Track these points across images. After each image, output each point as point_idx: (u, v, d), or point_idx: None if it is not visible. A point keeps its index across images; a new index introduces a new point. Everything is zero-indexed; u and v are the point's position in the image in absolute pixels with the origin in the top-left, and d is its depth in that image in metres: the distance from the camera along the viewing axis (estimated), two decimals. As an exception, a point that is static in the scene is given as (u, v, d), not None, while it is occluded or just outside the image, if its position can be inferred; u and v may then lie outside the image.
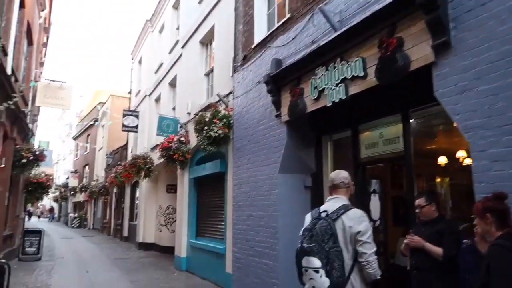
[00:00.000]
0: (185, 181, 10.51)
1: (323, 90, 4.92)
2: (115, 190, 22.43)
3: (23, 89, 10.82)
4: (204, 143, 7.63)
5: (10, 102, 8.02)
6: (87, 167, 32.41)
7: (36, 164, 10.95)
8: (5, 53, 8.03)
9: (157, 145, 13.93)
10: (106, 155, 23.74)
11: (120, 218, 20.33)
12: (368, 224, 2.75)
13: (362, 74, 4.31)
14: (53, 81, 12.93)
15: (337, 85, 4.68)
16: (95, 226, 28.44)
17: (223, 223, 8.26)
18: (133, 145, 18.59)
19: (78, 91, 48.56)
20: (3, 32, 7.68)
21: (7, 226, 11.28)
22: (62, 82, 12.87)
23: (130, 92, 20.45)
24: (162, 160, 10.60)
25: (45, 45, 17.19)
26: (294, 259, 2.80)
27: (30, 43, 12.18)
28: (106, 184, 23.42)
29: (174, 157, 9.85)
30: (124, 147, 21.12)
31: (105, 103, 28.28)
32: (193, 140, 10.09)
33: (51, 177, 13.13)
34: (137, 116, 17.28)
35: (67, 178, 36.03)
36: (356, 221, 2.70)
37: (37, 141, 19.08)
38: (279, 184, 5.90)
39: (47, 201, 49.92)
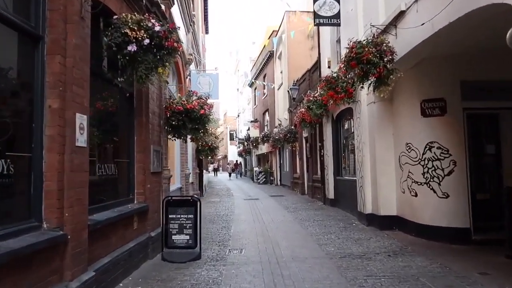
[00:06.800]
0: None
1: None
2: (305, 133, 16.20)
3: None
4: None
5: None
6: (266, 113, 27.81)
7: (164, 60, 4.76)
8: None
9: (396, 17, 6.41)
10: (289, 88, 17.68)
11: (319, 171, 13.95)
12: None
13: None
14: None
15: None
16: (283, 182, 23.44)
17: None
18: (331, 55, 11.52)
19: (250, 38, 45.21)
20: None
21: (138, 192, 5.76)
22: None
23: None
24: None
25: None
26: None
27: None
28: (293, 127, 17.60)
29: None
30: (314, 68, 14.37)
31: (278, 30, 22.40)
32: None
33: (206, 104, 7.16)
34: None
35: (248, 129, 32.79)
36: None
37: (199, 75, 13.95)
38: None
39: (234, 156, 49.62)
